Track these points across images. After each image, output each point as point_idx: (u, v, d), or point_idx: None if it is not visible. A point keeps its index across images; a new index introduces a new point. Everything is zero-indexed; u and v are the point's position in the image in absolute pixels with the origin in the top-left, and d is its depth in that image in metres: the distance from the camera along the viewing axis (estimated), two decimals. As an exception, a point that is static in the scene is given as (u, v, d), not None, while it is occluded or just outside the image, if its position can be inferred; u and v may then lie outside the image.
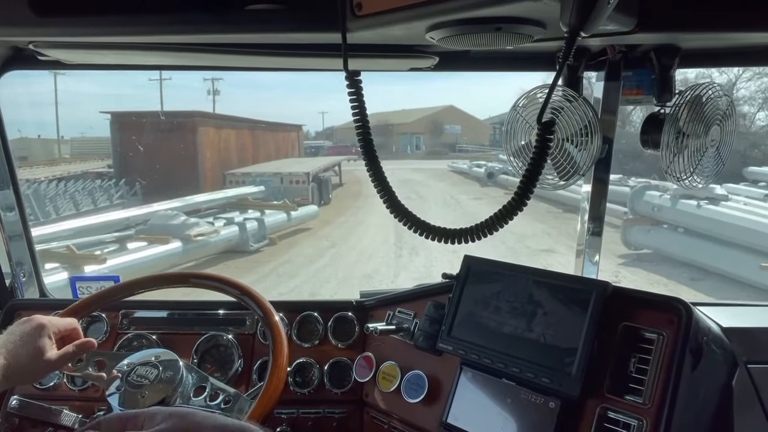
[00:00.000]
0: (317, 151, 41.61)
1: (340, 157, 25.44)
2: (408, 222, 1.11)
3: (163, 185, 14.92)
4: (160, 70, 2.30)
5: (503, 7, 0.90)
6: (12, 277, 1.88)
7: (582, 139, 1.41)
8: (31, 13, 1.07)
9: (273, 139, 24.91)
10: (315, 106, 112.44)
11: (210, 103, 30.75)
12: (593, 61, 1.50)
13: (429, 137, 50.28)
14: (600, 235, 1.85)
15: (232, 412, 1.25)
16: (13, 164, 1.79)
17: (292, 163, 20.93)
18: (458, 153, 41.68)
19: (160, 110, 21.90)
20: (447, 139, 49.97)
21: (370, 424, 1.60)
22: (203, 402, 1.27)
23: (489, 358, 1.31)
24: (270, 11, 1.06)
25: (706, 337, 1.21)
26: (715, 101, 1.41)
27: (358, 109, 1.10)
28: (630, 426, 1.12)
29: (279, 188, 15.95)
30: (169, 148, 17.21)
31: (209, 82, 31.03)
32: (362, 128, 1.11)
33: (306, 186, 15.95)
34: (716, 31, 1.18)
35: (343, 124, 57.70)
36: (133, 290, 1.46)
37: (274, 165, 19.36)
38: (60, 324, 1.22)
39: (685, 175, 1.43)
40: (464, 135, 49.78)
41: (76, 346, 1.21)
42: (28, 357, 1.12)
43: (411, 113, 53.13)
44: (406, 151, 47.68)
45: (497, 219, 1.02)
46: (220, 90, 31.37)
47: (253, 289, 1.39)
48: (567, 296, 1.25)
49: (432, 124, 50.61)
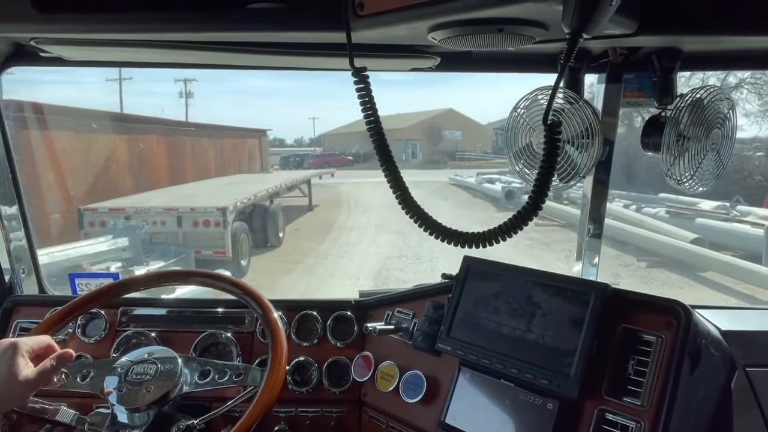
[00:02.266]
0: (302, 161, 38.89)
1: (311, 172, 20.74)
2: (422, 223, 1.11)
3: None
4: (160, 68, 2.32)
5: (505, 8, 0.90)
6: (11, 273, 1.88)
7: (583, 141, 1.41)
8: (33, 9, 1.07)
9: (216, 149, 17.16)
10: (306, 111, 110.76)
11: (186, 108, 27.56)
12: (595, 63, 1.50)
13: (426, 144, 46.13)
14: (600, 237, 1.85)
15: (247, 383, 1.31)
16: (13, 160, 1.79)
17: (224, 186, 13.07)
18: (458, 161, 38.57)
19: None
20: (446, 146, 45.56)
21: (368, 423, 1.60)
22: (214, 380, 1.32)
23: (488, 358, 1.31)
24: (271, 10, 1.07)
25: (705, 339, 1.21)
26: (716, 104, 1.41)
27: (368, 104, 1.10)
28: (628, 428, 1.12)
29: (176, 235, 9.37)
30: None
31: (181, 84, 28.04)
32: (374, 125, 1.11)
33: (222, 230, 9.35)
34: (718, 34, 1.18)
35: (333, 129, 54.65)
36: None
37: (180, 193, 11.76)
38: (32, 342, 1.17)
39: (685, 178, 1.44)
40: (465, 141, 45.62)
41: (54, 360, 1.16)
42: (3, 381, 1.08)
43: (406, 117, 48.17)
44: (400, 159, 42.83)
45: (514, 224, 1.03)
46: (195, 93, 28.06)
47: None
48: (566, 298, 1.25)
49: (429, 130, 46.24)
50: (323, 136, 57.29)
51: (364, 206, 17.21)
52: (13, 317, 1.73)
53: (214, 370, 1.34)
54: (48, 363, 1.15)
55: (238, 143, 19.37)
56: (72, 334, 1.68)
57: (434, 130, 46.28)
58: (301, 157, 41.61)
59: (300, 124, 77.89)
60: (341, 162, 38.96)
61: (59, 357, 1.17)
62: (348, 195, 19.94)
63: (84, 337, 1.67)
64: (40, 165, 9.45)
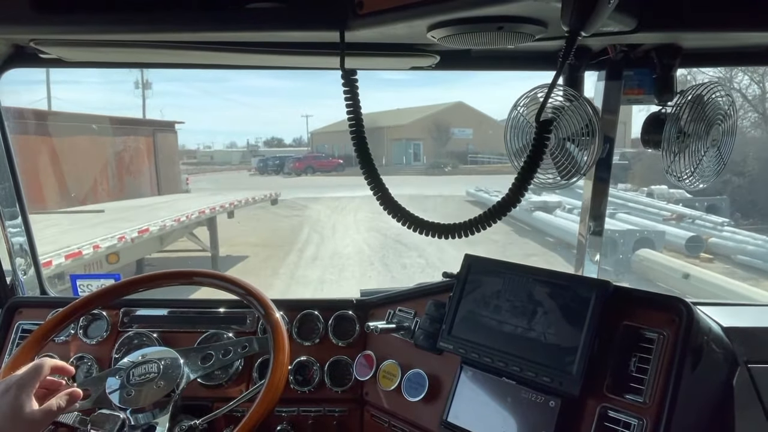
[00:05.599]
0: (282, 165, 33.33)
1: (222, 200, 11.46)
2: (402, 218, 1.13)
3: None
4: (159, 68, 2.28)
5: (504, 6, 0.90)
6: (13, 275, 1.88)
7: (583, 139, 1.41)
8: (32, 10, 1.07)
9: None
10: (304, 110, 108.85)
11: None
12: (594, 61, 1.50)
13: (431, 144, 37.23)
14: (601, 235, 1.85)
15: (256, 353, 1.38)
16: (13, 161, 1.79)
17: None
18: (470, 165, 31.94)
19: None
20: (455, 147, 36.74)
21: (370, 422, 1.60)
22: (218, 359, 1.34)
23: (489, 357, 1.31)
24: (270, 9, 1.06)
25: (707, 336, 1.21)
26: (716, 101, 1.41)
27: (352, 108, 1.13)
28: (630, 425, 1.12)
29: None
30: None
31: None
32: (356, 126, 1.14)
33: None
34: (717, 31, 1.18)
35: (323, 127, 46.64)
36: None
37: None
38: (41, 377, 1.08)
39: (685, 174, 1.43)
40: (477, 140, 36.79)
41: (63, 399, 1.08)
42: (5, 419, 1.01)
43: (407, 113, 40.07)
44: (400, 163, 35.49)
45: (492, 214, 1.04)
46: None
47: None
48: (568, 295, 1.25)
49: (435, 127, 37.01)
50: (311, 134, 50.38)
51: (327, 256, 10.90)
52: (15, 319, 1.73)
53: (216, 353, 1.35)
54: (55, 402, 1.08)
55: (102, 143, 12.59)
56: (74, 335, 1.68)
57: (441, 128, 37.23)
58: (281, 160, 34.96)
59: (301, 122, 76.82)
60: (329, 166, 33.11)
61: (68, 396, 1.10)
62: (313, 226, 13.27)
63: (86, 338, 1.67)
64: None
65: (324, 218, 14.39)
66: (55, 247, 6.46)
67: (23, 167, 1.74)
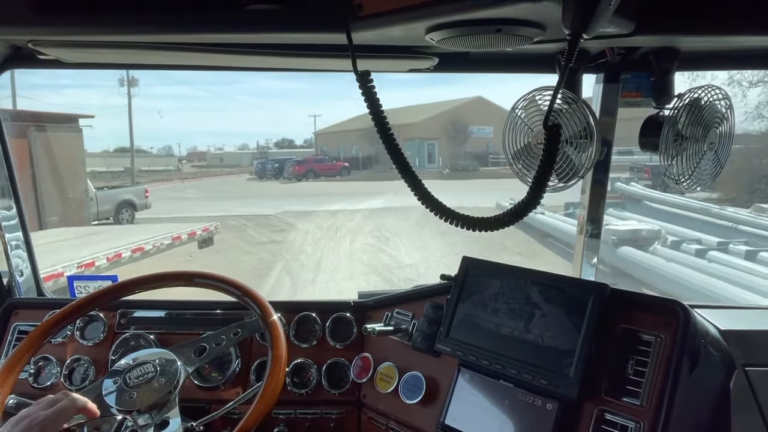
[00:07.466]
0: (281, 169, 30.46)
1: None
2: (435, 210, 1.14)
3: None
4: (159, 69, 2.30)
5: (503, 8, 0.90)
6: (9, 276, 1.87)
7: (581, 142, 1.41)
8: (30, 11, 1.07)
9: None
10: (309, 110, 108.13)
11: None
12: (592, 64, 1.50)
13: (447, 144, 33.17)
14: (598, 237, 1.85)
15: (253, 334, 1.41)
16: (11, 163, 1.79)
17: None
18: (492, 168, 27.77)
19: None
20: (474, 147, 32.65)
21: (367, 425, 1.60)
22: (214, 347, 1.34)
23: (487, 359, 1.31)
24: (270, 11, 1.06)
25: (704, 339, 1.21)
26: (714, 104, 1.41)
27: (372, 108, 1.10)
28: (627, 428, 1.12)
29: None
30: None
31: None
32: (380, 125, 1.11)
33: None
34: (715, 35, 1.18)
35: (327, 127, 45.15)
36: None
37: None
38: (61, 417, 1.04)
39: (683, 177, 1.44)
40: (498, 139, 24.04)
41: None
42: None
43: (420, 110, 35.94)
44: (413, 165, 27.52)
45: (518, 211, 1.06)
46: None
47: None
48: (565, 298, 1.25)
49: (451, 125, 33.08)
50: (314, 135, 47.70)
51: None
52: (12, 320, 1.73)
53: (208, 345, 1.35)
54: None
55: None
56: (70, 336, 1.68)
57: (458, 126, 33.29)
58: (281, 164, 31.66)
59: (310, 123, 75.23)
60: (332, 170, 30.34)
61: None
62: (289, 262, 9.21)
63: (82, 340, 1.67)
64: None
65: (309, 246, 10.66)
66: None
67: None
